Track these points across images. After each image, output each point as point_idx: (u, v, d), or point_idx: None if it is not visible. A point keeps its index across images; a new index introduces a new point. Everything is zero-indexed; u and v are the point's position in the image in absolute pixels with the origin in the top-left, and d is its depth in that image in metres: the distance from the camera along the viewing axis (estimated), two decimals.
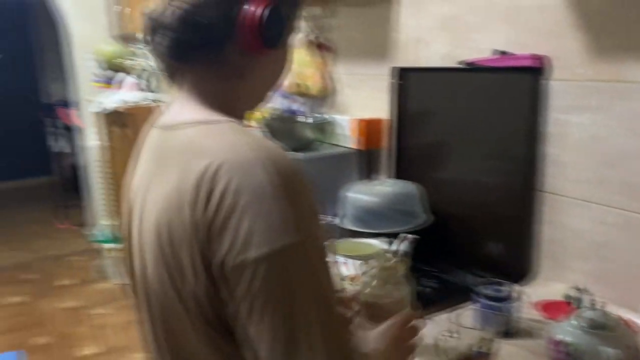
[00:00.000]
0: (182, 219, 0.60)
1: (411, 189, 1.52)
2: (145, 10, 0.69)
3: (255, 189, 0.57)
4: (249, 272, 0.57)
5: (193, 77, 0.70)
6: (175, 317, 0.66)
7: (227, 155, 0.60)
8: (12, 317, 3.24)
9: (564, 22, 1.17)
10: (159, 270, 0.65)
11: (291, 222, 0.58)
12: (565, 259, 1.26)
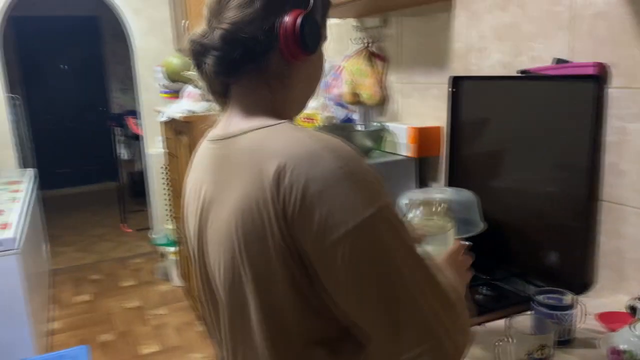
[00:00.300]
0: (262, 215, 0.66)
1: (468, 196, 1.53)
2: (190, 37, 0.76)
3: (326, 176, 0.63)
4: (341, 248, 0.63)
5: (241, 90, 0.77)
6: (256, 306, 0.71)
7: (295, 151, 0.65)
8: (81, 314, 3.43)
9: (625, 30, 1.16)
10: (235, 266, 0.71)
11: (365, 197, 0.64)
12: (625, 269, 1.23)
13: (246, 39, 0.72)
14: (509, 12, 1.45)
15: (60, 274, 4.12)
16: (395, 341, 0.65)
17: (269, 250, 0.67)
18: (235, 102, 0.78)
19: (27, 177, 3.59)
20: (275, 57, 0.74)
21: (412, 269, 0.66)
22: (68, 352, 2.30)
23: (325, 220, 0.63)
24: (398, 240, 0.66)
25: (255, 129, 0.73)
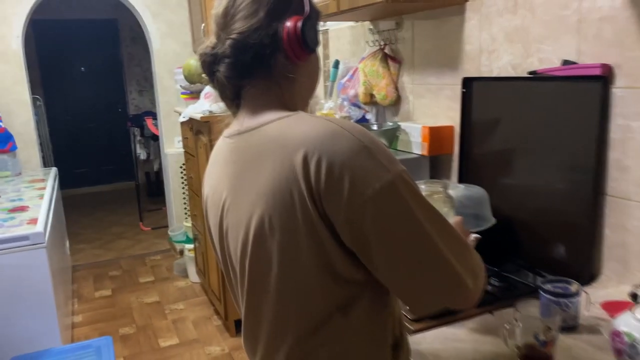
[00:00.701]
0: (293, 195, 0.75)
1: (479, 192, 1.59)
2: (200, 51, 0.86)
3: (348, 150, 0.73)
4: (370, 207, 0.72)
5: (253, 91, 0.86)
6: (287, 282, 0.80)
7: (316, 135, 0.75)
8: (101, 308, 3.54)
9: (629, 33, 1.22)
10: (262, 241, 0.79)
11: (384, 163, 0.74)
12: (629, 261, 1.29)
13: (254, 45, 0.82)
14: (518, 15, 1.51)
15: (80, 270, 4.24)
16: (421, 289, 0.77)
17: (298, 224, 0.76)
18: (247, 102, 0.88)
19: (50, 175, 3.71)
20: (281, 58, 0.84)
21: (431, 220, 0.76)
22: (93, 342, 2.39)
23: (353, 186, 0.72)
24: (416, 197, 0.76)
25: (275, 120, 0.82)
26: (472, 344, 1.11)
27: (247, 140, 0.84)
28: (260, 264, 0.82)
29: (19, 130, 3.93)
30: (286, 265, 0.79)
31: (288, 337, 0.84)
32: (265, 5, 0.83)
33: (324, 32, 2.70)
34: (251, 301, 0.87)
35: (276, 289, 0.82)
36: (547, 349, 1.00)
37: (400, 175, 0.74)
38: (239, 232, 0.84)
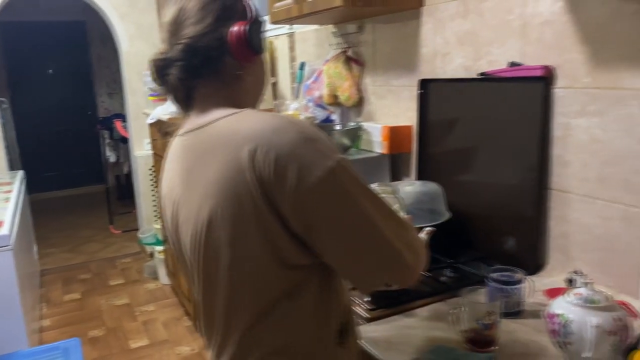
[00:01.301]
0: (240, 186, 0.80)
1: (434, 188, 1.66)
2: (151, 58, 0.92)
3: (291, 142, 0.79)
4: (314, 193, 0.78)
5: (204, 91, 0.92)
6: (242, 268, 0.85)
7: (262, 129, 0.81)
8: (70, 312, 3.52)
9: (567, 36, 1.30)
10: (212, 231, 0.84)
11: (325, 153, 0.80)
12: (572, 251, 1.37)
13: (203, 48, 0.88)
14: (469, 20, 1.59)
15: (49, 274, 4.19)
16: (365, 267, 0.84)
17: (246, 215, 0.81)
18: (198, 101, 0.93)
19: (17, 178, 3.67)
20: (228, 60, 0.90)
21: (371, 202, 0.83)
22: (61, 344, 2.40)
23: (298, 175, 0.78)
24: (356, 182, 0.82)
25: (224, 117, 0.87)
26: (423, 331, 1.18)
27: (198, 136, 0.89)
28: (211, 255, 0.86)
29: None
30: (236, 255, 0.84)
31: (240, 324, 0.89)
32: (212, 12, 0.90)
33: (290, 34, 2.75)
34: (205, 291, 0.92)
35: (228, 278, 0.86)
36: (489, 332, 1.07)
37: (340, 163, 0.81)
38: (190, 226, 0.88)
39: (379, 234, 0.83)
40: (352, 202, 0.81)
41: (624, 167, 1.22)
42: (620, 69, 1.19)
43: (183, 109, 0.96)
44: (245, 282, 0.86)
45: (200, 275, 0.91)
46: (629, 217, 1.22)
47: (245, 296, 0.87)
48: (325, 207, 0.80)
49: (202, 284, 0.92)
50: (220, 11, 0.90)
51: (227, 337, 0.92)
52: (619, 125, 1.21)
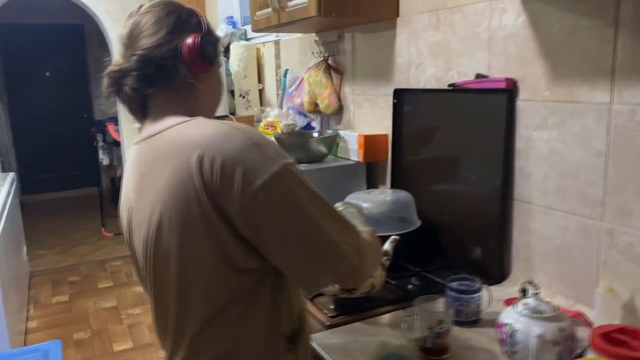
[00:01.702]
0: (189, 192, 0.82)
1: (405, 197, 1.68)
2: (107, 70, 0.95)
3: (238, 147, 0.82)
4: (259, 197, 0.81)
5: (159, 99, 0.95)
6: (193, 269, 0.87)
7: (210, 136, 0.84)
8: (57, 313, 3.54)
9: (529, 49, 1.33)
10: (162, 236, 0.86)
11: (271, 157, 0.83)
12: (534, 261, 1.39)
13: (157, 58, 0.91)
14: (440, 31, 1.61)
15: (39, 275, 4.21)
16: (312, 260, 0.86)
17: (194, 219, 0.83)
18: (153, 110, 0.96)
19: (7, 180, 3.69)
20: (182, 70, 0.93)
21: (316, 205, 0.85)
22: (41, 346, 2.41)
23: (244, 179, 0.81)
24: (301, 185, 0.85)
25: (175, 125, 0.90)
26: (380, 337, 1.20)
27: (151, 144, 0.92)
28: (162, 259, 0.89)
29: None
30: (185, 259, 0.86)
31: (191, 328, 0.91)
32: (166, 25, 0.93)
33: (276, 42, 2.78)
34: (157, 295, 0.94)
35: (177, 282, 0.88)
36: (441, 340, 1.09)
37: (286, 167, 0.83)
38: (142, 230, 0.90)
39: (323, 236, 0.85)
40: (297, 205, 0.83)
41: (579, 180, 1.24)
42: (575, 83, 1.22)
43: (138, 119, 0.99)
44: (195, 286, 0.88)
45: (152, 279, 0.93)
46: (585, 228, 1.24)
47: (195, 300, 0.89)
48: (271, 210, 0.82)
49: (153, 288, 0.94)
50: (174, 24, 0.94)
51: (179, 340, 0.93)
52: (575, 138, 1.23)
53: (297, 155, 1.98)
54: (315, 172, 1.93)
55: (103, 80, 0.96)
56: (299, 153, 1.98)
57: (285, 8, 1.88)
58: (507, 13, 1.37)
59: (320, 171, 1.94)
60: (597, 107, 1.18)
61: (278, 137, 2.02)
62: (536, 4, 1.29)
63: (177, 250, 0.86)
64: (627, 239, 1.15)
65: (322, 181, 1.92)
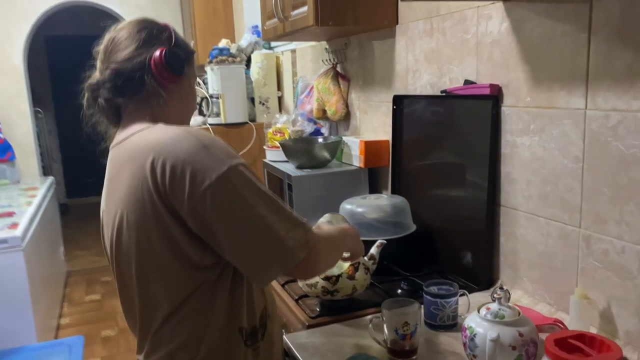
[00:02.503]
0: (144, 194, 0.89)
1: (399, 202, 1.70)
2: (87, 83, 1.02)
3: (188, 149, 0.88)
4: (208, 196, 0.86)
5: (129, 108, 1.02)
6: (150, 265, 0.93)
7: (163, 140, 0.90)
8: (89, 311, 3.70)
9: (512, 55, 1.33)
10: (121, 235, 0.92)
11: (220, 159, 0.88)
12: (520, 267, 1.38)
13: (127, 71, 0.98)
14: (434, 38, 1.63)
15: (75, 275, 4.42)
16: (260, 256, 0.90)
17: (149, 219, 0.89)
18: (124, 119, 1.03)
19: (45, 184, 3.90)
20: (151, 81, 0.99)
21: (264, 204, 0.90)
22: (65, 340, 2.55)
23: (193, 179, 0.86)
24: (250, 186, 0.90)
25: (138, 132, 0.96)
26: (354, 339, 1.22)
27: (118, 150, 0.99)
28: (123, 258, 0.95)
29: (19, 141, 4.15)
30: (143, 258, 0.92)
31: (153, 323, 0.97)
32: (137, 40, 1.00)
33: (292, 50, 2.84)
34: (123, 291, 1.00)
35: (138, 280, 0.95)
36: (406, 342, 1.10)
37: (234, 167, 0.88)
38: (109, 231, 0.97)
39: (270, 233, 0.89)
40: (245, 204, 0.88)
41: (559, 185, 1.23)
42: (554, 89, 1.21)
43: (114, 127, 1.06)
44: (155, 283, 0.94)
45: (117, 277, 0.99)
46: (565, 234, 1.22)
47: (156, 296, 0.95)
48: (219, 209, 0.87)
49: (119, 286, 1.00)
50: (144, 39, 1.01)
51: (144, 334, 1.00)
52: (555, 143, 1.23)
53: (301, 160, 2.03)
54: (319, 177, 1.97)
55: (84, 93, 1.04)
56: (303, 158, 2.02)
57: (289, 18, 1.94)
58: (493, 19, 1.38)
59: (323, 176, 1.98)
60: (574, 112, 1.17)
61: (283, 143, 2.08)
62: (517, 10, 1.29)
63: (136, 250, 0.93)
64: (603, 246, 1.13)
65: (325, 186, 1.96)
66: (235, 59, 3.01)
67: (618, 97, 1.06)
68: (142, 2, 4.38)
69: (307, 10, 1.75)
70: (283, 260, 0.91)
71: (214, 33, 3.81)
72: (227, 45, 3.11)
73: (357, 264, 1.37)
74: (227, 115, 2.98)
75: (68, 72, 6.96)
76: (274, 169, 2.16)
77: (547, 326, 1.19)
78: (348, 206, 1.73)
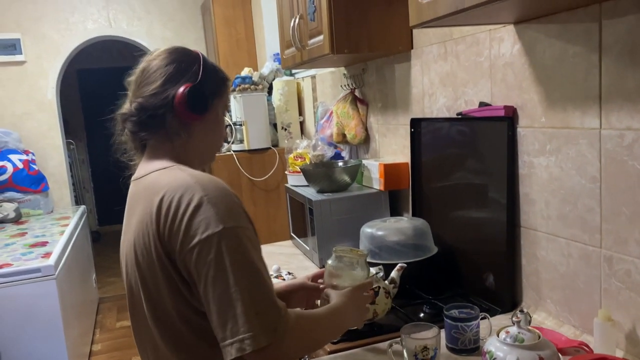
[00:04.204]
0: (149, 233, 0.91)
1: (420, 224, 1.70)
2: (117, 112, 1.05)
3: (193, 201, 0.89)
4: (194, 254, 0.87)
5: (152, 143, 1.04)
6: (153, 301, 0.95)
7: (174, 185, 0.92)
8: (120, 338, 3.75)
9: (525, 77, 1.33)
10: (133, 273, 0.96)
11: (218, 218, 0.87)
12: (542, 289, 1.36)
13: (151, 107, 1.00)
14: (448, 62, 1.65)
15: (106, 301, 4.50)
16: (224, 329, 0.86)
17: (153, 258, 0.92)
18: (147, 152, 1.06)
19: (77, 213, 4.01)
20: (174, 119, 1.01)
21: (244, 277, 0.87)
22: None
23: (187, 232, 0.87)
24: (236, 254, 0.87)
25: (155, 171, 0.99)
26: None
27: (136, 186, 1.02)
28: (134, 290, 0.99)
29: (52, 172, 4.29)
30: (151, 297, 0.96)
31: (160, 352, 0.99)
32: (163, 74, 1.02)
33: (312, 77, 2.89)
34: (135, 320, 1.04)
35: (146, 312, 0.98)
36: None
37: (231, 230, 0.87)
38: (123, 263, 1.01)
39: (238, 309, 0.85)
40: (223, 270, 0.86)
41: (578, 206, 1.22)
42: (568, 109, 1.21)
43: (138, 158, 1.10)
44: (160, 319, 0.96)
45: (130, 311, 1.03)
46: (587, 255, 1.21)
47: (165, 336, 0.97)
48: (201, 267, 0.87)
49: (131, 314, 1.04)
50: (171, 73, 1.02)
51: None
52: (572, 163, 1.22)
53: (322, 184, 2.05)
54: (339, 201, 1.99)
55: (115, 121, 1.08)
56: (323, 182, 2.05)
57: (306, 47, 1.98)
58: (505, 42, 1.39)
59: (344, 200, 2.00)
60: (589, 132, 1.16)
61: (303, 168, 2.11)
62: (528, 32, 1.30)
63: (143, 286, 0.96)
64: (625, 267, 1.11)
65: (345, 209, 1.98)
66: (258, 86, 3.08)
67: (632, 116, 1.05)
68: (167, 34, 4.53)
69: (323, 39, 1.79)
70: (243, 342, 0.85)
71: (237, 62, 3.90)
72: (250, 74, 3.19)
73: (377, 288, 1.37)
74: (250, 142, 3.04)
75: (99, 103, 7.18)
76: (296, 193, 2.19)
77: (572, 349, 1.17)
78: (368, 229, 1.74)
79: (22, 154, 3.98)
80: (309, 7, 1.89)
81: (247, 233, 0.90)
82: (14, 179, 3.86)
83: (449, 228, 1.71)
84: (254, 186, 3.08)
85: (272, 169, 3.07)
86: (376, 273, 1.42)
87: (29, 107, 4.23)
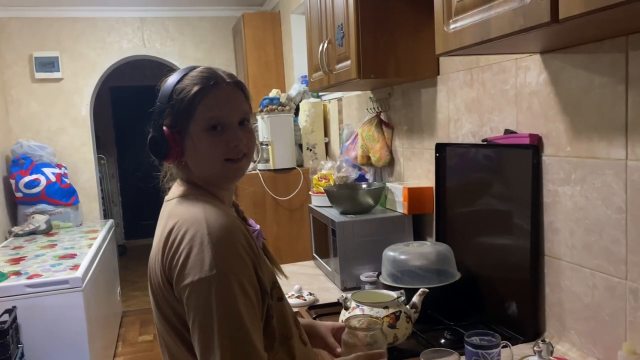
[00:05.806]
0: (158, 258, 0.96)
1: (443, 249, 1.70)
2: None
3: (195, 236, 0.91)
4: (185, 293, 0.89)
5: (171, 165, 1.08)
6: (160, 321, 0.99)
7: (187, 216, 0.95)
8: (141, 351, 3.79)
9: (551, 106, 1.34)
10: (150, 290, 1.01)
11: (216, 260, 0.88)
12: (566, 319, 1.35)
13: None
14: (474, 88, 1.66)
15: (130, 315, 4.55)
16: None
17: (159, 281, 0.96)
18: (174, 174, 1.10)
19: (105, 227, 4.10)
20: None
21: (227, 327, 0.86)
22: None
23: (182, 269, 0.90)
24: (223, 302, 0.87)
25: (175, 198, 1.03)
26: None
27: (165, 206, 1.06)
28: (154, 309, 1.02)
29: (82, 186, 4.40)
30: (159, 315, 0.99)
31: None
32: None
33: (339, 99, 2.93)
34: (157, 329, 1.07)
35: (162, 340, 1.02)
36: None
37: (223, 275, 0.87)
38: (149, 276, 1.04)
39: (217, 356, 0.85)
40: (208, 317, 0.86)
41: (603, 236, 1.21)
42: (594, 139, 1.21)
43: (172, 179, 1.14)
44: (165, 338, 1.00)
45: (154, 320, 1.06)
46: (612, 287, 1.20)
47: (169, 348, 1.00)
48: (189, 306, 0.89)
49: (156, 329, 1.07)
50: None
51: None
52: (597, 193, 1.22)
53: (345, 206, 2.07)
54: (362, 223, 2.00)
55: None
56: (347, 204, 2.06)
57: (334, 71, 2.02)
58: (531, 71, 1.40)
59: (367, 222, 2.01)
60: (615, 163, 1.16)
61: (327, 189, 2.13)
62: (554, 62, 1.31)
63: (156, 307, 0.99)
64: None
65: (368, 232, 1.99)
66: (285, 107, 3.13)
67: None
68: (199, 55, 4.64)
69: (350, 64, 1.83)
70: None
71: (266, 83, 3.98)
72: (277, 95, 3.25)
73: (399, 312, 1.38)
74: (276, 162, 3.09)
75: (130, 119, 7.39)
76: (319, 214, 2.21)
77: None
78: (391, 253, 1.74)
79: (55, 168, 4.10)
80: (337, 33, 1.93)
81: (240, 279, 0.89)
82: (47, 191, 3.98)
83: (472, 254, 1.70)
84: (278, 205, 3.12)
85: (296, 189, 3.10)
86: (397, 297, 1.42)
87: (63, 122, 4.38)
